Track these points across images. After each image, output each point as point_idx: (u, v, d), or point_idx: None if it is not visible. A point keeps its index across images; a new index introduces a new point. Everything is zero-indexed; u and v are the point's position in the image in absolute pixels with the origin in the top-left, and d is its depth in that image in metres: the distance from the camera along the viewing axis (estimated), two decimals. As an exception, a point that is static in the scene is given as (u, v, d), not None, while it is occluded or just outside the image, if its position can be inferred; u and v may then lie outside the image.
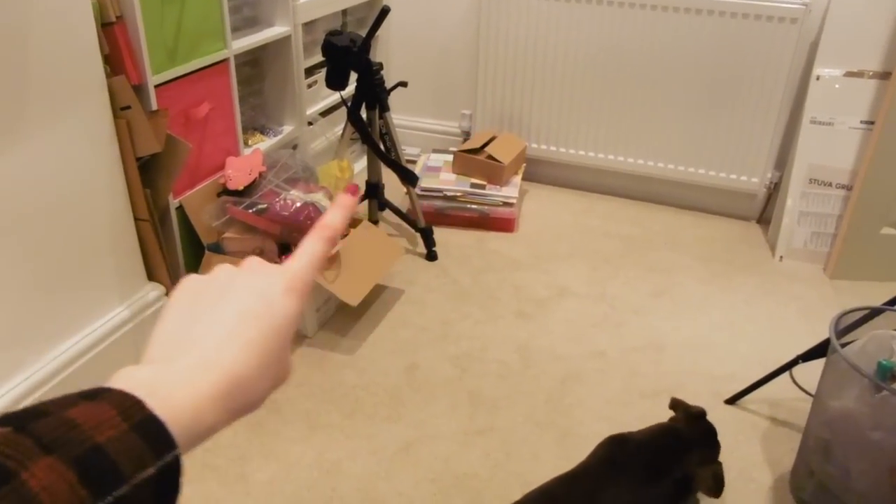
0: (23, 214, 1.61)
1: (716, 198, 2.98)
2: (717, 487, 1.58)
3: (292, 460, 1.75)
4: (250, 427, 1.84)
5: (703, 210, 3.03)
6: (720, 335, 2.25)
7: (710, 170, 2.88)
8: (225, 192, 2.18)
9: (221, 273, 0.46)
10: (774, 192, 2.86)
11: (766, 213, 2.94)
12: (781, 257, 2.67)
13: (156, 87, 1.87)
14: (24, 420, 0.31)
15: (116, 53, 1.76)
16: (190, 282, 0.45)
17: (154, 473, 0.33)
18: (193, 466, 1.71)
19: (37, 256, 1.67)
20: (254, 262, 0.47)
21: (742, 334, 2.26)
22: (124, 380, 0.36)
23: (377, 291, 2.39)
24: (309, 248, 0.49)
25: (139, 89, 1.83)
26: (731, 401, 1.97)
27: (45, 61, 1.57)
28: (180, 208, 2.09)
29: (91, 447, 0.31)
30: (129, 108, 1.77)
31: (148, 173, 1.94)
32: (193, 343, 0.41)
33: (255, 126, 2.59)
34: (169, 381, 0.38)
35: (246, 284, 0.44)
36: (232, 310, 0.43)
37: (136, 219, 1.91)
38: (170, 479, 0.34)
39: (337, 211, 0.51)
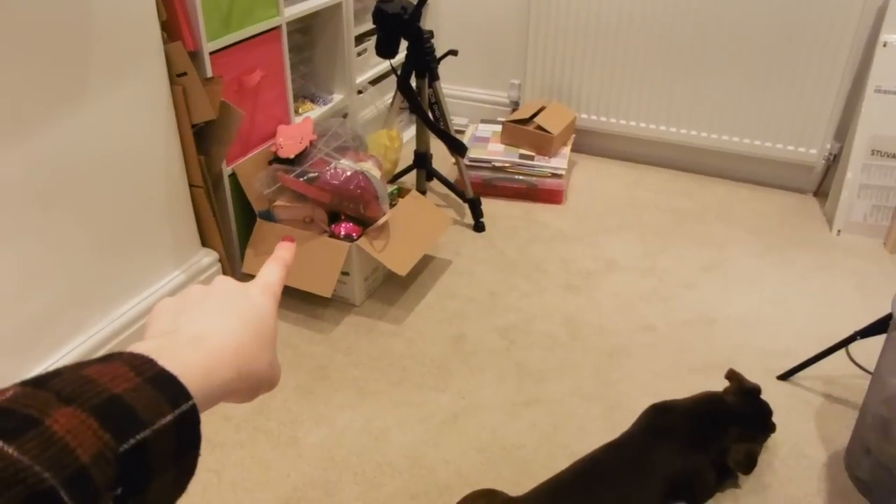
0: (85, 180, 1.65)
1: (771, 170, 2.90)
2: (747, 465, 1.55)
3: (342, 426, 1.77)
4: (301, 393, 1.87)
5: (758, 182, 2.95)
6: (773, 310, 2.20)
7: (765, 141, 2.80)
8: (276, 160, 2.19)
9: (194, 289, 0.48)
10: (833, 163, 2.78)
11: (823, 185, 2.85)
12: (839, 231, 2.60)
13: (210, 54, 1.88)
14: (41, 379, 0.32)
15: (173, 20, 1.78)
16: (164, 301, 0.47)
17: (172, 421, 0.34)
18: (245, 429, 1.75)
19: (98, 221, 1.71)
20: (223, 278, 0.50)
21: (796, 309, 2.21)
22: (131, 349, 0.37)
23: (424, 262, 2.39)
24: (269, 269, 0.52)
25: (195, 56, 1.84)
26: (784, 377, 1.93)
27: (106, 28, 1.59)
28: (233, 176, 2.11)
29: (108, 397, 0.32)
30: (185, 74, 1.79)
31: (202, 140, 1.96)
32: (191, 323, 0.43)
33: (305, 94, 2.60)
34: (176, 346, 0.39)
35: (223, 289, 0.47)
36: (217, 302, 0.45)
37: (190, 185, 1.94)
38: (189, 428, 0.35)
39: (283, 251, 0.55)
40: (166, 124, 1.82)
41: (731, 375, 1.72)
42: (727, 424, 1.59)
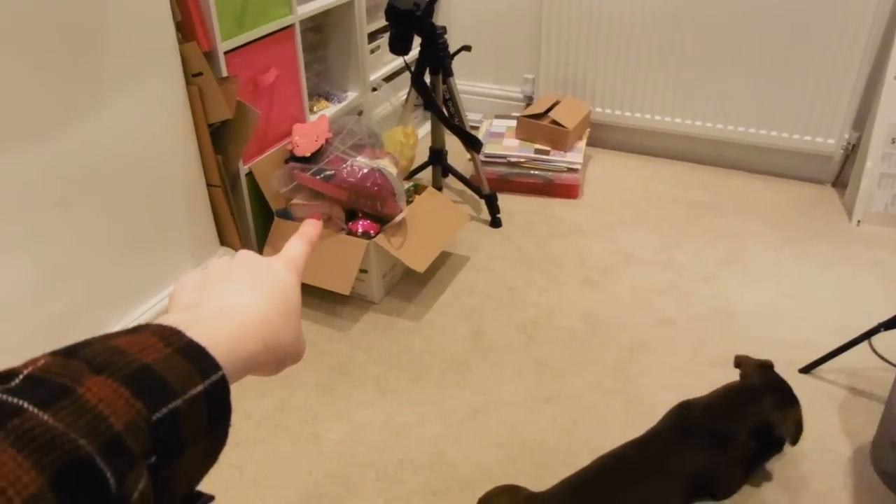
0: (104, 180, 1.66)
1: (788, 160, 2.88)
2: (797, 432, 1.55)
3: (362, 423, 1.78)
4: (321, 390, 1.87)
5: (775, 174, 2.93)
6: (793, 302, 2.18)
7: (782, 131, 2.77)
8: (292, 158, 2.20)
9: (218, 263, 0.48)
10: (852, 153, 2.75)
11: (842, 175, 2.82)
12: (859, 222, 2.57)
13: (225, 53, 1.89)
14: (72, 349, 0.32)
15: (188, 20, 1.78)
16: (188, 275, 0.48)
17: (203, 391, 0.33)
18: (266, 426, 1.76)
19: (117, 221, 1.72)
20: (246, 252, 0.50)
21: (817, 302, 2.19)
22: (159, 321, 0.37)
23: (442, 258, 2.39)
24: (293, 244, 0.52)
25: (209, 56, 1.85)
26: (806, 370, 1.92)
27: (122, 29, 1.60)
28: (250, 174, 2.12)
29: (139, 367, 0.32)
30: (200, 74, 1.80)
31: (219, 140, 1.97)
32: (216, 297, 0.43)
33: (320, 92, 2.60)
34: (203, 319, 0.39)
35: (246, 262, 0.47)
36: (241, 275, 0.45)
37: (208, 185, 1.95)
38: (219, 399, 0.35)
39: (309, 227, 0.55)
40: (183, 124, 1.82)
41: (739, 361, 1.71)
42: (754, 406, 1.58)
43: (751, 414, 1.56)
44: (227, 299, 0.42)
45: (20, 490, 0.25)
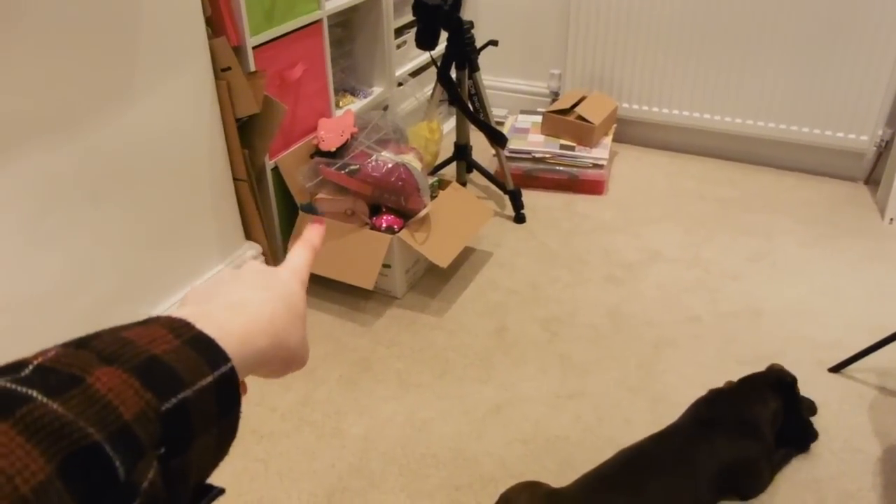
0: (133, 174, 1.68)
1: (819, 157, 2.83)
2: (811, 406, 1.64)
3: (385, 417, 1.78)
4: (345, 384, 1.88)
5: (805, 171, 2.88)
6: (823, 301, 2.15)
7: (813, 128, 2.72)
8: (317, 153, 2.21)
9: (224, 273, 0.49)
10: (885, 150, 2.69)
11: (875, 173, 2.77)
12: (892, 220, 2.52)
13: (253, 48, 1.90)
14: (82, 340, 0.32)
15: (217, 15, 1.80)
16: (196, 287, 0.48)
17: (212, 382, 0.34)
18: (291, 420, 1.77)
19: (146, 215, 1.74)
20: (253, 262, 0.50)
21: (847, 300, 2.15)
22: (169, 314, 0.37)
23: (465, 254, 2.39)
24: (296, 253, 0.53)
25: (238, 51, 1.86)
26: (836, 369, 1.88)
27: (153, 25, 1.61)
28: (275, 169, 2.13)
29: (149, 357, 0.32)
30: (229, 69, 1.81)
31: (246, 134, 1.98)
32: (226, 294, 0.43)
33: (346, 88, 2.61)
34: (213, 312, 0.39)
35: (253, 268, 0.48)
36: (249, 278, 0.46)
37: (234, 179, 1.96)
38: (228, 390, 0.35)
39: (312, 233, 0.55)
40: (211, 118, 1.84)
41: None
42: (774, 389, 1.61)
43: (772, 401, 1.57)
44: (238, 295, 0.43)
45: (28, 478, 0.25)
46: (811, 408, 1.72)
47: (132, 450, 0.29)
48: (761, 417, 1.55)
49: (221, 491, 0.37)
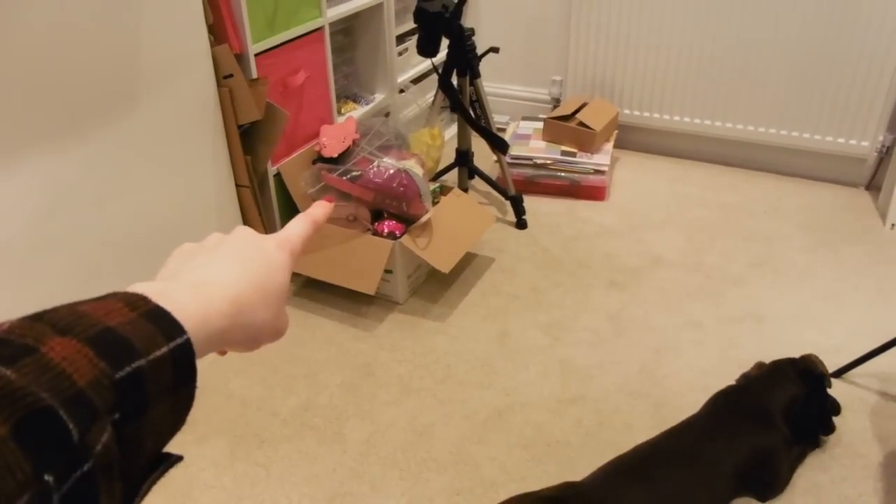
0: (136, 180, 1.69)
1: (820, 163, 2.83)
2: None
3: (387, 422, 1.78)
4: (346, 389, 1.89)
5: (806, 176, 2.88)
6: (825, 306, 2.15)
7: (814, 133, 2.73)
8: (320, 159, 2.22)
9: (213, 237, 0.49)
10: (886, 156, 2.70)
11: (876, 178, 2.77)
12: (893, 225, 2.52)
13: (256, 55, 1.91)
14: (38, 314, 0.32)
15: (220, 23, 1.81)
16: (184, 246, 0.49)
17: (167, 353, 0.34)
18: (292, 424, 1.78)
19: (149, 220, 1.75)
20: (243, 228, 0.50)
21: (849, 306, 2.15)
22: (129, 289, 0.38)
23: (467, 259, 2.39)
24: (295, 224, 0.52)
25: (240, 58, 1.88)
26: (837, 374, 1.88)
27: (156, 32, 1.63)
28: (278, 175, 2.14)
29: (103, 328, 0.32)
30: (231, 76, 1.82)
31: (248, 141, 1.99)
32: (196, 269, 0.44)
33: (348, 94, 2.62)
34: (173, 289, 0.39)
35: (239, 238, 0.48)
36: (229, 250, 0.46)
37: (237, 185, 1.98)
38: (184, 362, 0.35)
39: (318, 208, 0.56)
40: (214, 125, 1.85)
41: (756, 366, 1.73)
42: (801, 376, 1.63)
43: (793, 386, 1.60)
44: (204, 272, 0.43)
45: None
46: (835, 406, 1.71)
47: (86, 414, 0.29)
48: (779, 405, 1.56)
49: (179, 458, 0.37)
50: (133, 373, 0.32)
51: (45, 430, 0.28)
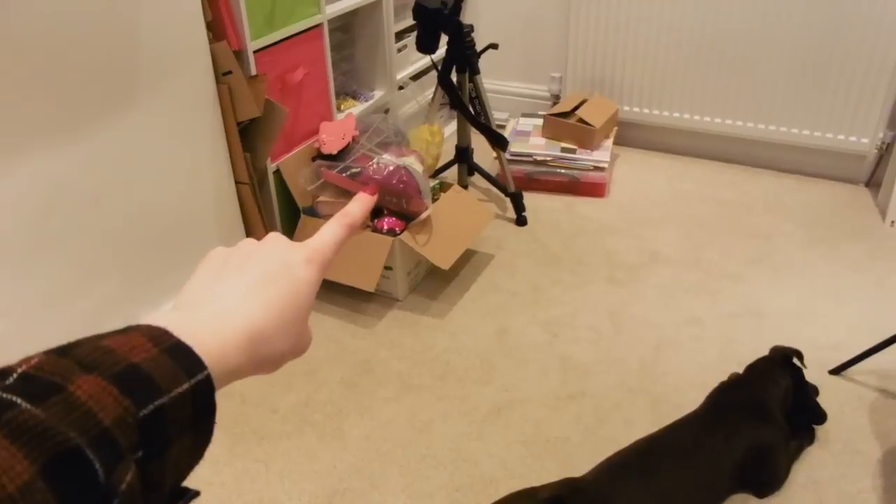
0: (136, 177, 1.69)
1: (820, 160, 2.83)
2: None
3: (386, 419, 1.79)
4: (346, 386, 1.89)
5: (806, 173, 2.88)
6: (824, 303, 2.15)
7: (814, 130, 2.73)
8: (319, 156, 2.22)
9: (245, 244, 0.48)
10: (886, 153, 2.70)
11: (876, 175, 2.77)
12: (893, 222, 2.52)
13: (254, 52, 1.91)
14: (64, 348, 0.33)
15: (218, 20, 1.81)
16: (216, 252, 0.48)
17: (188, 389, 0.35)
18: (292, 421, 1.78)
19: (148, 218, 1.75)
20: (276, 236, 0.49)
21: (849, 302, 2.15)
22: (150, 320, 0.38)
23: (467, 256, 2.39)
24: (330, 230, 0.51)
25: (239, 55, 1.87)
26: (837, 371, 1.89)
27: (154, 29, 1.63)
28: (277, 172, 2.14)
29: (127, 365, 0.33)
30: (230, 73, 1.82)
31: (247, 138, 1.99)
32: (217, 297, 0.43)
33: (347, 91, 2.62)
34: (194, 323, 0.39)
35: (268, 251, 0.47)
36: (254, 271, 0.45)
37: (236, 182, 1.97)
38: (204, 397, 0.36)
39: (357, 204, 0.53)
40: (213, 122, 1.85)
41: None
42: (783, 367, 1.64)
43: (782, 378, 1.61)
44: (224, 304, 0.43)
45: (13, 478, 0.26)
46: (815, 390, 1.72)
47: (111, 453, 0.30)
48: (774, 399, 1.57)
49: (196, 493, 0.38)
50: (156, 410, 0.32)
51: (72, 471, 0.28)
